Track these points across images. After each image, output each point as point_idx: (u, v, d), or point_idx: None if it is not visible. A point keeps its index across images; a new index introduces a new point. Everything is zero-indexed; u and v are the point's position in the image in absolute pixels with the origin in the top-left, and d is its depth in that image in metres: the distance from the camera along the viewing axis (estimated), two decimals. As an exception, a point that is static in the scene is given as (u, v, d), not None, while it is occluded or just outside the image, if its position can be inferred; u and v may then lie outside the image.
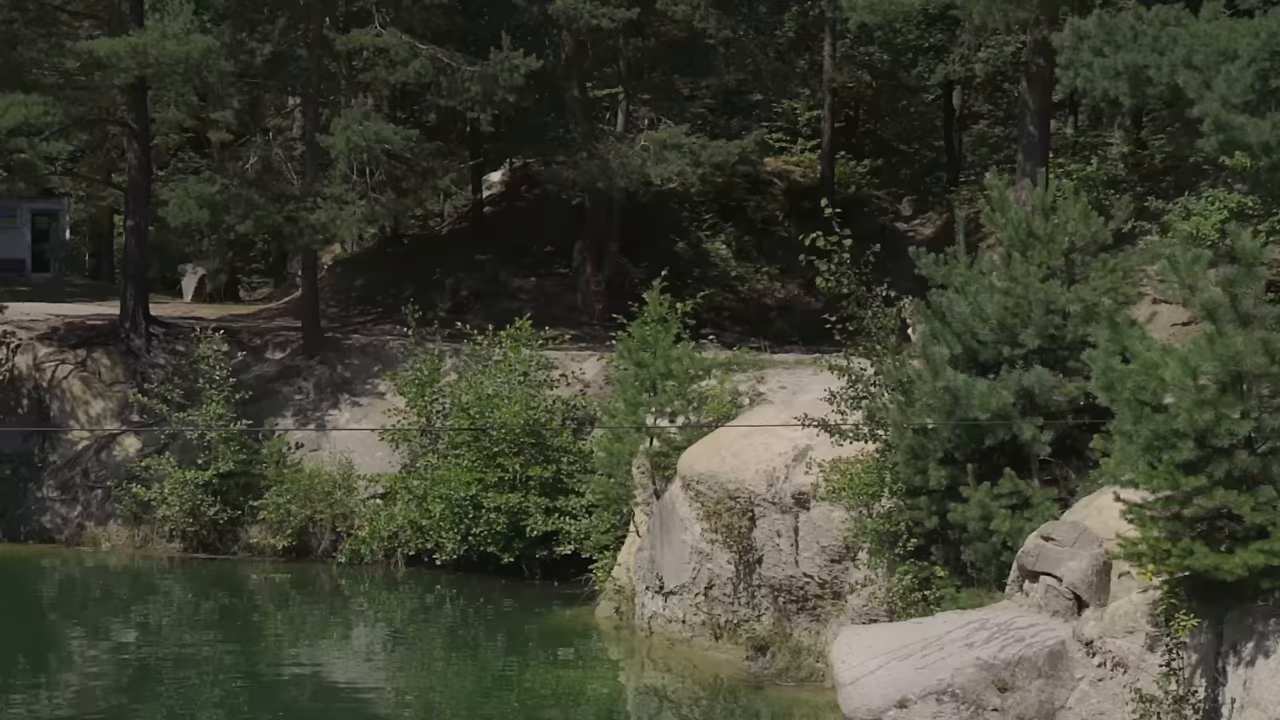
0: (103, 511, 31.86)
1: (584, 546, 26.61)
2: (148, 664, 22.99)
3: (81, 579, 29.83)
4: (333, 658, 23.90)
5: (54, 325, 35.40)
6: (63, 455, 32.73)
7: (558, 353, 30.83)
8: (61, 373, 33.58)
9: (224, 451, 30.52)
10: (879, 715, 15.24)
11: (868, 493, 19.31)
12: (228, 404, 30.96)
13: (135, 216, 35.18)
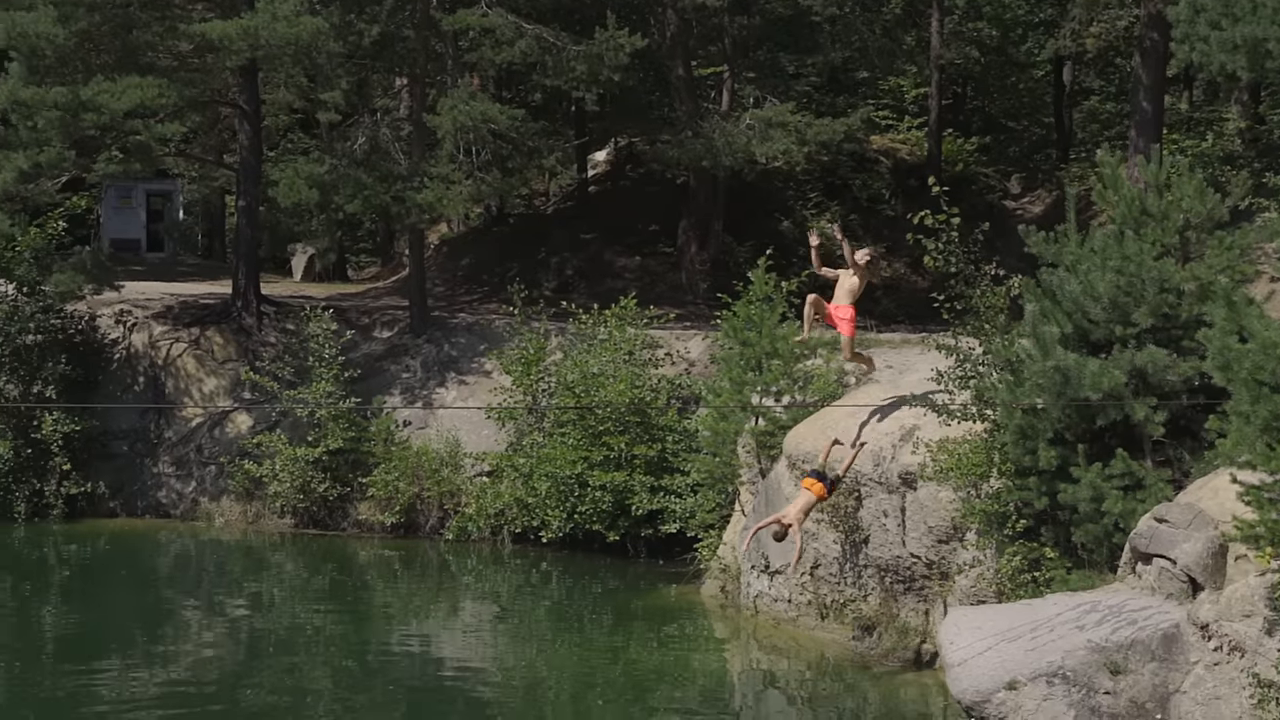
0: (216, 487, 32.44)
1: (689, 525, 26.66)
2: (260, 637, 23.38)
3: (196, 553, 30.38)
4: (440, 633, 24.15)
5: (168, 304, 36.03)
6: (177, 432, 33.34)
7: (662, 331, 30.87)
8: (176, 351, 34.18)
9: (333, 429, 30.92)
10: (987, 697, 15.12)
11: (976, 473, 19.15)
12: (337, 382, 31.33)
13: (246, 197, 35.69)
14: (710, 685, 20.57)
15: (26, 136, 32.05)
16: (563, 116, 43.96)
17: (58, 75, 31.87)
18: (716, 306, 27.15)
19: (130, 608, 25.53)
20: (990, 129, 47.71)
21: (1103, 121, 46.93)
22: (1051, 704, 14.67)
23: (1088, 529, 17.40)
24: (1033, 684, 14.81)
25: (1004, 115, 49.76)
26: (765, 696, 18.71)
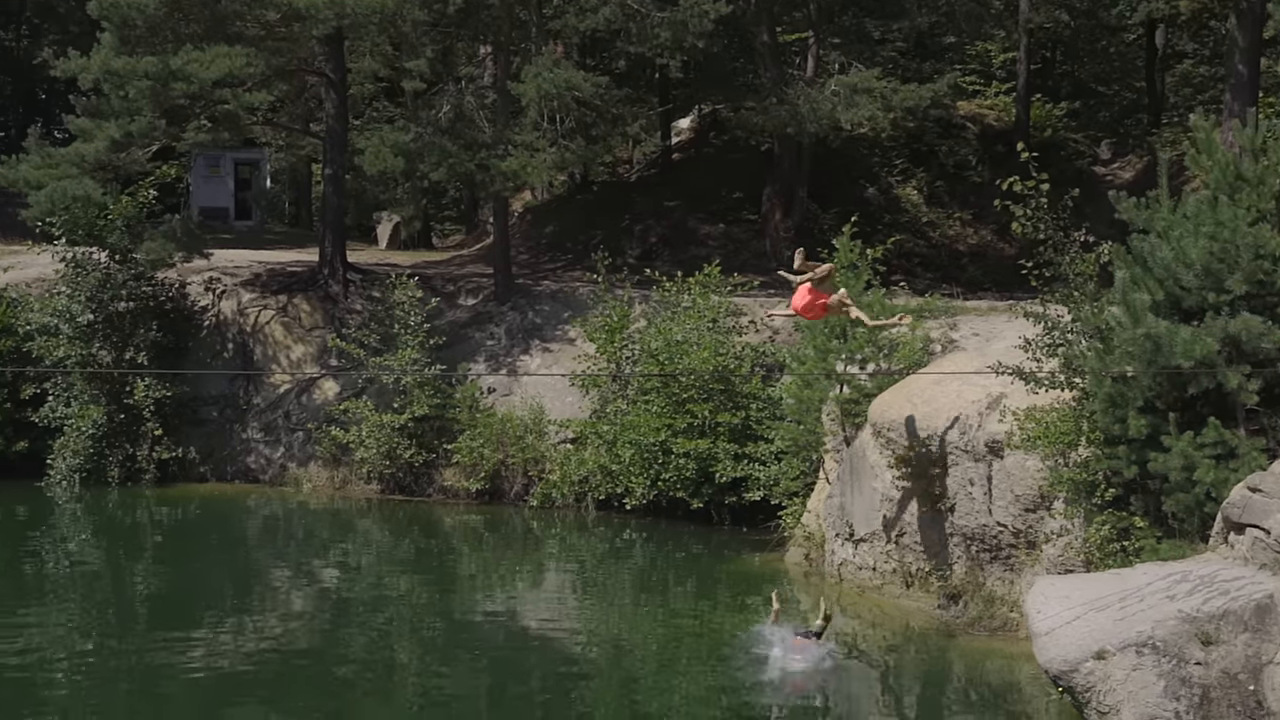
0: (304, 453, 32.80)
1: (773, 493, 26.63)
2: (347, 601, 23.61)
3: (284, 518, 30.74)
4: (525, 599, 24.29)
5: (256, 271, 36.42)
6: (265, 398, 33.73)
7: (746, 299, 30.79)
8: (264, 318, 34.57)
9: (419, 396, 31.14)
10: (1075, 666, 14.99)
11: (1064, 441, 18.96)
12: (422, 349, 31.54)
13: (333, 165, 35.95)
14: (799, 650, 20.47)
15: (118, 106, 32.47)
16: (646, 84, 43.86)
17: (148, 45, 32.24)
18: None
19: (220, 571, 25.91)
20: (1080, 94, 47.07)
21: (1196, 85, 46.14)
22: (1141, 674, 14.52)
23: (1179, 498, 17.18)
24: (1122, 654, 14.66)
25: (1094, 80, 49.05)
26: (851, 664, 18.66)
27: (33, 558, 26.36)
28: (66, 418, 32.13)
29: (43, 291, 33.88)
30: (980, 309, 28.26)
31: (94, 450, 31.94)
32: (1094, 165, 43.73)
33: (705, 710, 17.17)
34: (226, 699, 17.52)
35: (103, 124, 32.59)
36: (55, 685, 18.29)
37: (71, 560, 26.59)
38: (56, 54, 33.76)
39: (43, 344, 32.47)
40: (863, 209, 33.07)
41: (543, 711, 17.43)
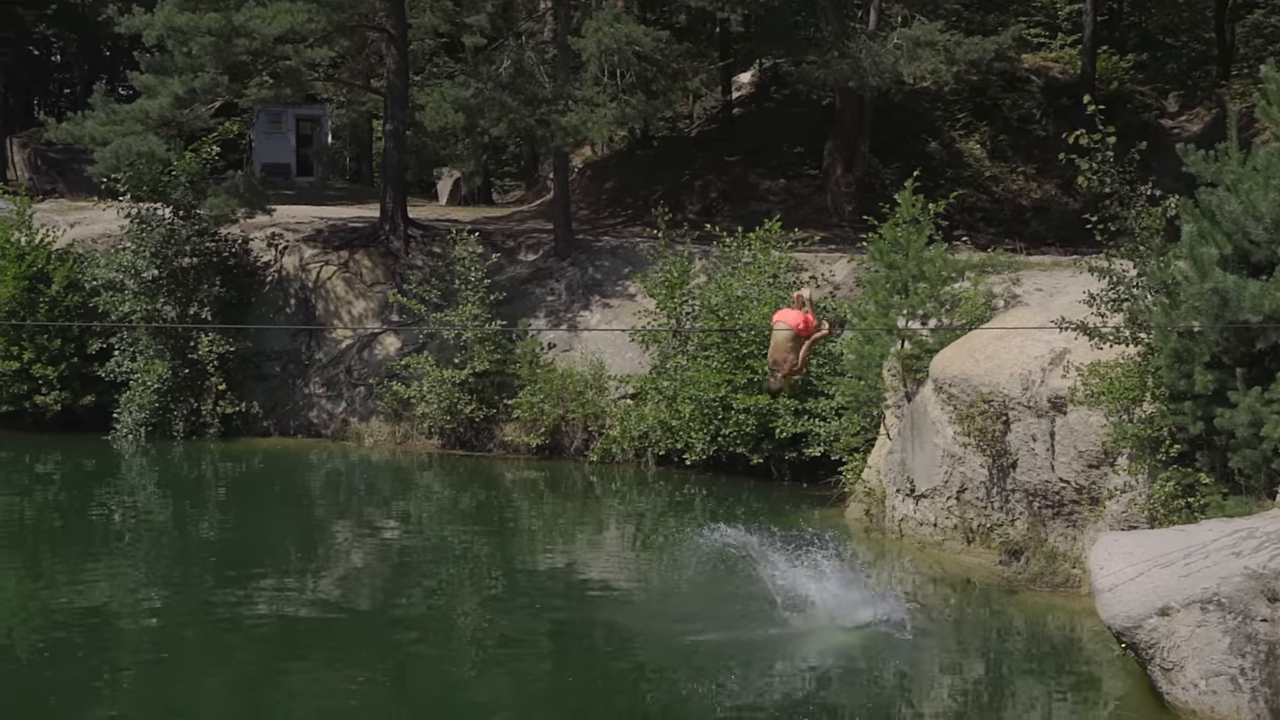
0: (365, 408, 33.03)
1: (833, 449, 26.57)
2: (409, 554, 23.80)
3: (346, 472, 30.98)
4: (585, 553, 24.38)
5: (318, 228, 36.60)
6: (327, 353, 33.95)
7: (807, 254, 30.66)
8: (326, 273, 34.76)
9: (479, 351, 31.25)
10: (1139, 622, 14.92)
11: (1129, 397, 18.80)
12: (482, 304, 31.64)
13: (393, 121, 36.02)
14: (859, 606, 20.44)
15: (181, 62, 32.67)
16: (707, 38, 43.63)
17: (211, 1, 32.37)
18: (862, 229, 26.86)
19: (283, 523, 26.16)
20: (1147, 45, 46.42)
21: (1267, 36, 45.39)
22: (1205, 630, 14.43)
23: (1245, 454, 17.01)
24: (1186, 610, 14.57)
25: (1161, 31, 48.36)
26: (912, 618, 18.62)
27: (100, 510, 26.72)
28: (132, 372, 32.50)
29: (108, 247, 34.23)
30: (1044, 264, 28.00)
31: (159, 404, 32.30)
32: (1161, 118, 43.16)
33: (765, 658, 17.20)
34: (290, 650, 17.72)
35: (166, 80, 32.80)
36: (123, 635, 18.56)
37: (138, 512, 26.94)
38: (121, 10, 34.09)
39: (108, 299, 32.82)
40: (925, 163, 32.81)
41: (603, 665, 17.52)
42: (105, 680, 16.62)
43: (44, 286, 33.07)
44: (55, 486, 29.50)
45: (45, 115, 44.97)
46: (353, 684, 16.35)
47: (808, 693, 16.28)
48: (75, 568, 21.90)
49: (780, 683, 16.54)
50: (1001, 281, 25.64)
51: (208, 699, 16.19)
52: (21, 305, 32.58)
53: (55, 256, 33.68)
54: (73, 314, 32.95)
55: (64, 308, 32.99)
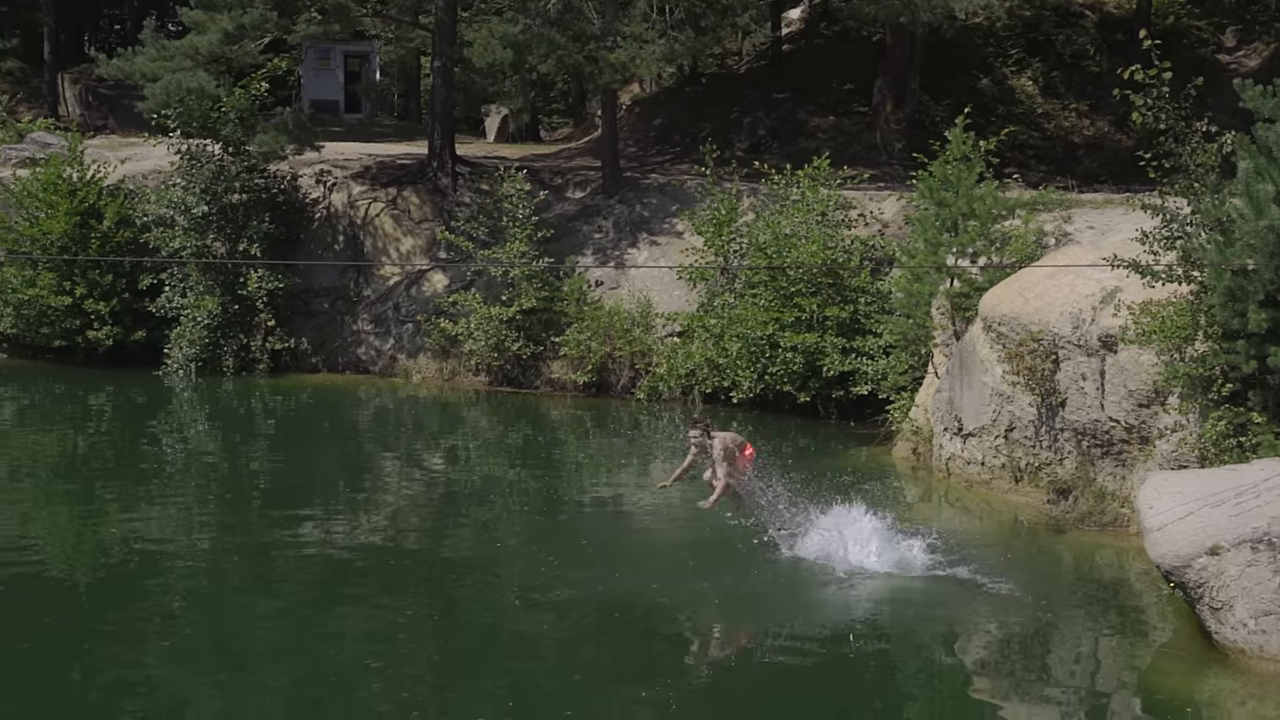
0: (413, 345, 33.16)
1: (880, 387, 26.51)
2: (456, 489, 23.92)
3: (394, 409, 31.15)
4: (632, 489, 24.42)
5: (366, 164, 36.64)
6: (375, 290, 34.07)
7: (856, 192, 30.48)
8: (374, 210, 34.83)
9: (527, 288, 31.29)
10: (1188, 562, 14.85)
11: (1180, 336, 18.61)
12: (530, 242, 31.65)
13: (441, 57, 35.93)
14: (904, 545, 20.43)
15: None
16: (757, -27, 43.19)
17: (259, -64, 32.36)
18: (911, 166, 26.67)
19: (332, 459, 26.35)
20: (1205, -21, 45.63)
21: (1327, -30, 44.53)
22: (1255, 570, 14.35)
23: (1298, 394, 16.85)
24: (1236, 550, 14.49)
25: (1219, -36, 47.50)
26: (959, 557, 18.60)
27: (152, 444, 26.98)
28: (183, 308, 32.74)
29: (158, 183, 34.42)
30: (1096, 202, 27.73)
31: (209, 340, 32.55)
32: (1218, 53, 42.50)
33: (810, 594, 17.23)
34: (338, 583, 17.85)
35: (216, 16, 32.83)
36: (174, 567, 18.77)
37: (188, 446, 27.18)
38: (169, -54, 33.98)
39: (159, 235, 33.04)
40: (976, 100, 32.46)
41: (651, 599, 17.57)
42: (157, 611, 16.83)
43: (95, 222, 33.31)
44: (107, 420, 29.82)
45: (96, 51, 45.09)
46: (400, 617, 16.49)
47: (852, 632, 16.30)
48: (127, 500, 22.15)
49: (825, 623, 16.56)
50: (1052, 219, 25.42)
51: (257, 631, 16.36)
52: (74, 241, 32.85)
53: (106, 192, 33.92)
54: (124, 250, 33.20)
55: (115, 243, 33.25)
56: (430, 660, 15.44)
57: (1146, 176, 19.90)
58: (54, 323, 33.19)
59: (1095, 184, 33.52)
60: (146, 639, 15.81)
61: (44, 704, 13.90)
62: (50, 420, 29.93)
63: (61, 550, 19.60)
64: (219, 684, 14.70)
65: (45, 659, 15.10)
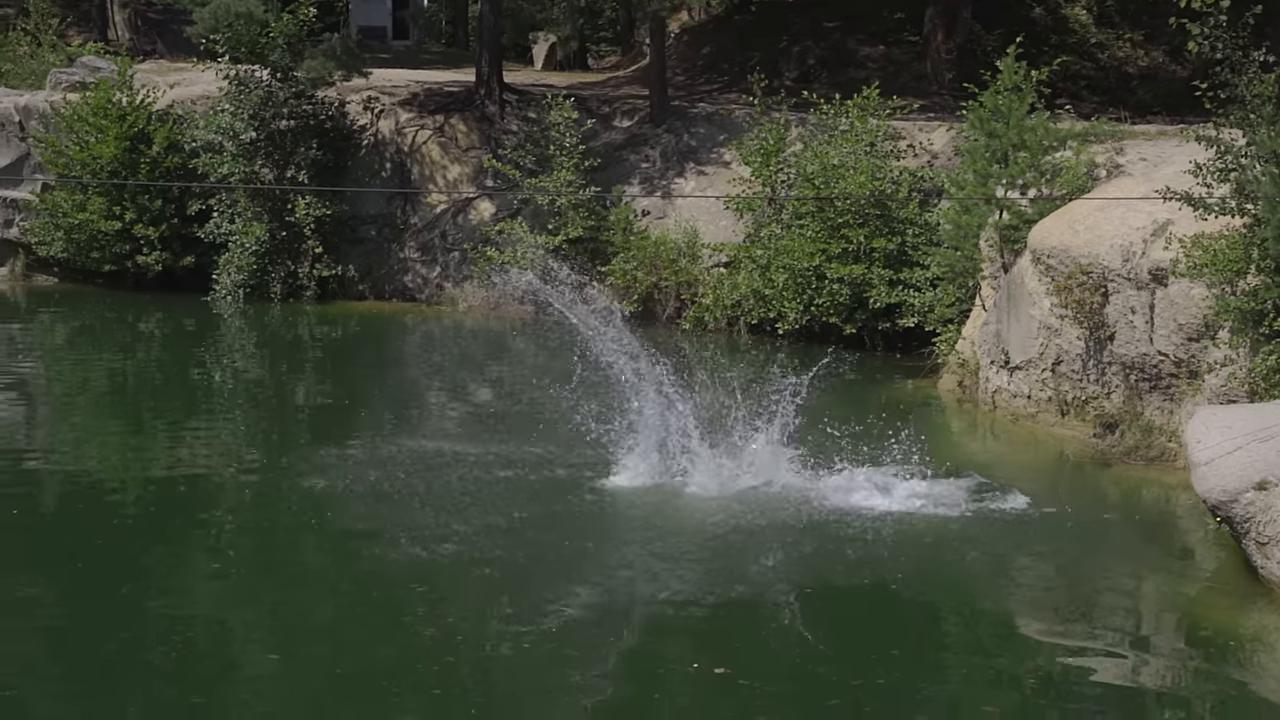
0: (459, 273, 33.21)
1: (927, 319, 26.40)
2: (501, 414, 23.95)
3: (440, 336, 31.26)
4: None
5: (414, 91, 36.56)
6: (422, 218, 34.09)
7: (905, 123, 30.21)
8: (421, 138, 34.77)
9: (573, 217, 31.24)
10: (1235, 497, 14.79)
11: (1232, 269, 18.42)
12: (577, 170, 31.55)
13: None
14: (949, 478, 20.38)
15: (278, -78, 32.56)
16: (808, -101, 42.70)
17: None
18: (962, 97, 26.38)
19: (379, 385, 26.46)
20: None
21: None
22: (1303, 506, 14.27)
23: (1351, 330, 16.67)
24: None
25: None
26: (1004, 489, 18.58)
27: (200, 369, 27.21)
28: (231, 234, 32.87)
29: (207, 109, 34.44)
30: (1149, 133, 27.38)
31: (257, 266, 32.69)
32: (1276, -15, 41.80)
33: (847, 530, 17.24)
34: (385, 507, 17.92)
35: (264, -59, 32.74)
36: (222, 490, 18.97)
37: (236, 372, 27.39)
38: None
39: (207, 161, 33.13)
40: (1028, 29, 32.01)
41: (699, 516, 17.61)
42: (208, 534, 17.03)
43: (145, 147, 33.41)
44: (156, 346, 30.07)
45: (144, -24, 45.17)
46: (448, 541, 16.58)
47: (894, 569, 16.31)
48: (175, 425, 22.35)
49: (864, 562, 16.55)
50: (1104, 151, 25.13)
51: (305, 554, 16.54)
52: (123, 166, 32.98)
53: (155, 117, 33.99)
54: (172, 175, 33.33)
55: (164, 169, 33.37)
56: (477, 588, 15.56)
57: (1201, 108, 19.62)
58: (104, 247, 33.40)
59: (1149, 115, 33.11)
60: (193, 561, 16.02)
61: (93, 623, 14.11)
62: (101, 344, 30.21)
63: (110, 474, 19.82)
64: (266, 608, 14.90)
65: (95, 579, 15.33)
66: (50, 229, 33.87)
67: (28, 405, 24.50)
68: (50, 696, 12.81)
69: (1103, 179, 24.01)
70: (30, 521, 17.49)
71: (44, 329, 31.86)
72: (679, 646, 14.18)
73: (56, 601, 14.87)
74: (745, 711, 12.53)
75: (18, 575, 15.60)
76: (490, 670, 13.48)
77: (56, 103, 35.01)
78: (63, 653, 13.56)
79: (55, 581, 15.39)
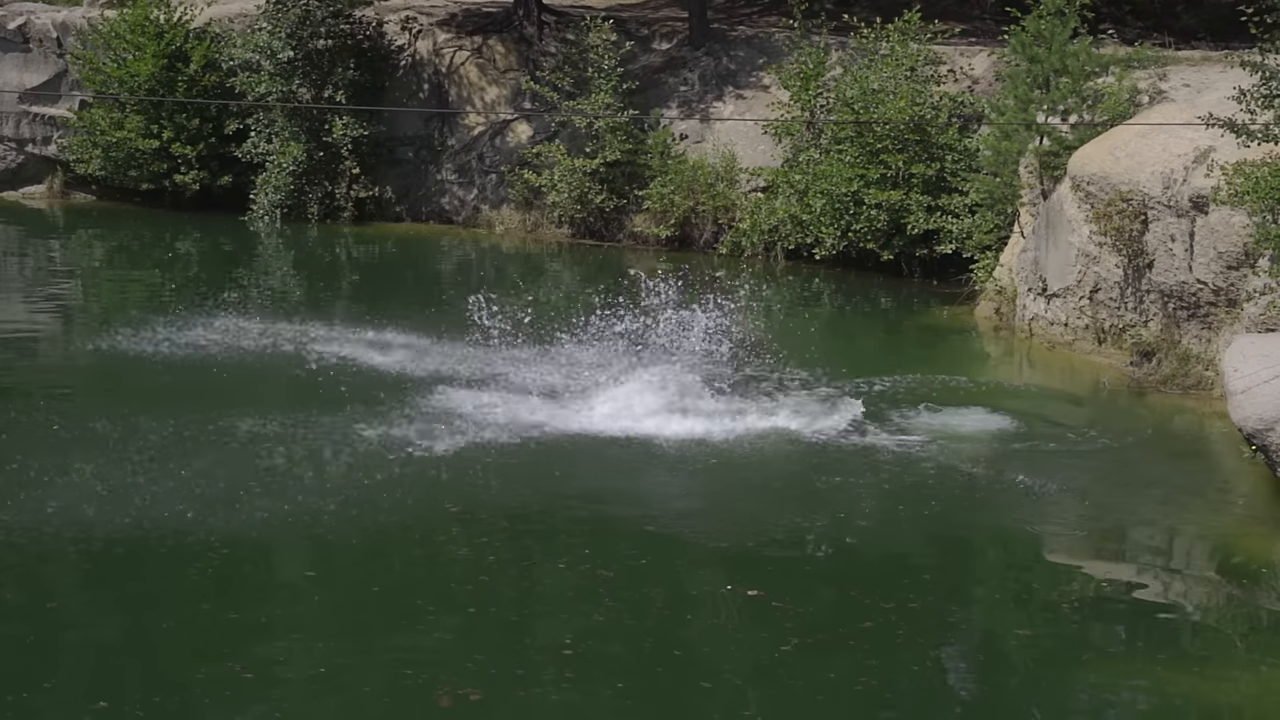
0: (496, 196, 33.19)
1: (965, 246, 26.28)
2: (543, 336, 23.87)
3: (477, 259, 31.29)
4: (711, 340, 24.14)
5: (451, 12, 36.39)
6: (460, 140, 34.03)
7: (946, 47, 29.93)
8: (459, 59, 34.64)
9: (611, 141, 31.14)
10: (1271, 425, 14.77)
11: (1274, 197, 18.26)
12: (615, 93, 31.40)
13: (528, -98, 35.42)
14: (984, 405, 20.37)
15: None
16: None
17: None
18: (1004, 21, 26.11)
19: (416, 307, 26.50)
20: None
21: None
22: (1339, 434, 14.23)
23: (1393, 258, 16.54)
24: (1320, 414, 14.36)
25: None
26: (1038, 418, 18.60)
27: (238, 289, 27.32)
28: (268, 154, 32.90)
29: (244, 27, 34.38)
30: (1193, 59, 27.06)
31: (294, 187, 32.73)
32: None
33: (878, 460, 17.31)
34: (416, 425, 17.97)
35: None
36: (254, 402, 19.05)
37: (274, 293, 27.49)
38: None
39: (245, 80, 33.11)
40: (1074, -46, 31.62)
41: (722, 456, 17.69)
42: (238, 442, 17.18)
43: (182, 65, 33.41)
44: (195, 265, 30.20)
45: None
46: (486, 458, 16.68)
47: (926, 494, 16.36)
48: (208, 345, 22.42)
49: (893, 486, 16.60)
50: (1147, 77, 24.86)
51: (331, 471, 16.65)
52: (160, 83, 32.99)
53: (193, 35, 33.95)
54: (210, 93, 33.33)
55: (201, 87, 33.37)
56: (508, 503, 15.69)
57: (1247, 33, 19.42)
58: (141, 166, 33.49)
59: (1193, 41, 32.66)
60: (233, 465, 16.15)
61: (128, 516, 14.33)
62: (138, 263, 30.39)
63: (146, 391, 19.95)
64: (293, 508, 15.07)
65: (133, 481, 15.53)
66: (88, 146, 33.98)
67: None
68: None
69: (1145, 105, 23.78)
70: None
71: (82, 245, 32.06)
72: (714, 570, 14.30)
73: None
74: (778, 633, 12.63)
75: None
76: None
77: (94, 19, 35.00)
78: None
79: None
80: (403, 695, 11.40)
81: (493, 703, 11.35)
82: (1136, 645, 12.75)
